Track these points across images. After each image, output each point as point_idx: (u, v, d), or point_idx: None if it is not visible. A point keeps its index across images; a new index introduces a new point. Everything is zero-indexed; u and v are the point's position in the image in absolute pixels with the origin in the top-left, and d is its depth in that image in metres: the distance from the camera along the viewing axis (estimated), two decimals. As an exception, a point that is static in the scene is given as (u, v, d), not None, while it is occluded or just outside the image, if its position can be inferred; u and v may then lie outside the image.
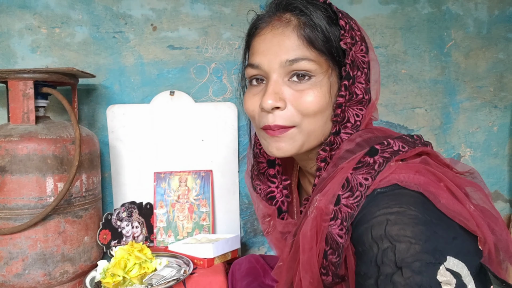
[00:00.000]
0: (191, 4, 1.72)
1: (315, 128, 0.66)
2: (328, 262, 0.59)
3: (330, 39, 0.64)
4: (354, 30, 0.67)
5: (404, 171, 0.57)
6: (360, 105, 0.66)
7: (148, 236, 1.58)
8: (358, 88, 0.66)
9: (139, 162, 1.65)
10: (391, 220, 0.51)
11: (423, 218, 0.51)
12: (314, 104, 0.64)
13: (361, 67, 0.66)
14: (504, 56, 1.93)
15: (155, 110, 1.66)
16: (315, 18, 0.65)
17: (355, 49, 0.66)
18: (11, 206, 1.24)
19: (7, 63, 1.62)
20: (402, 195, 0.54)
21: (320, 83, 0.65)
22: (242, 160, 1.78)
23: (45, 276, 1.27)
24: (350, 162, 0.61)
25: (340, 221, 0.57)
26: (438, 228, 0.51)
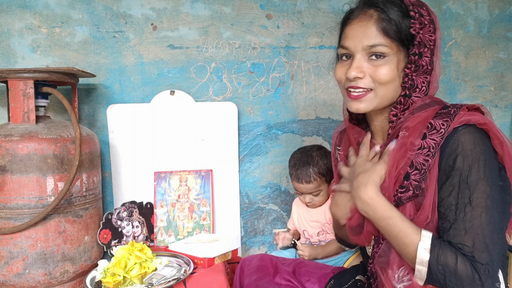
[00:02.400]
0: (191, 3, 1.72)
1: (386, 93, 0.89)
2: (410, 181, 0.82)
3: (401, 29, 0.86)
4: (424, 16, 0.87)
5: (473, 115, 0.80)
6: (425, 74, 0.88)
7: (149, 235, 1.58)
8: (425, 61, 0.87)
9: (139, 161, 1.65)
10: (468, 156, 0.77)
11: (489, 155, 0.78)
12: (386, 75, 0.87)
13: (428, 44, 0.87)
14: (505, 55, 1.92)
15: (155, 109, 1.66)
16: (391, 14, 0.86)
17: (423, 31, 0.86)
18: (11, 206, 1.25)
19: (7, 62, 1.62)
20: (474, 132, 0.78)
21: (390, 61, 0.87)
22: (242, 160, 1.78)
23: (45, 276, 1.27)
24: (429, 112, 0.84)
25: (427, 149, 0.81)
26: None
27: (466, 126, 0.79)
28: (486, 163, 0.76)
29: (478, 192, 0.75)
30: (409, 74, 0.87)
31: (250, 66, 1.76)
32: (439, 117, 0.82)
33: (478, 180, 0.76)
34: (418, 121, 0.84)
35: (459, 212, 0.76)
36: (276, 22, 1.77)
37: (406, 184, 0.83)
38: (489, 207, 0.75)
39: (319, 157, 1.45)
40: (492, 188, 0.76)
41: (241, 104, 1.76)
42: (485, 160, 0.76)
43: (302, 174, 1.44)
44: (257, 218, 1.81)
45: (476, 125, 0.80)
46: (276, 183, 1.82)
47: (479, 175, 0.76)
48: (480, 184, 0.76)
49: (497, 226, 0.75)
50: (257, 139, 1.79)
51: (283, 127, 1.81)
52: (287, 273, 1.16)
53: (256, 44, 1.75)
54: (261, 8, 1.75)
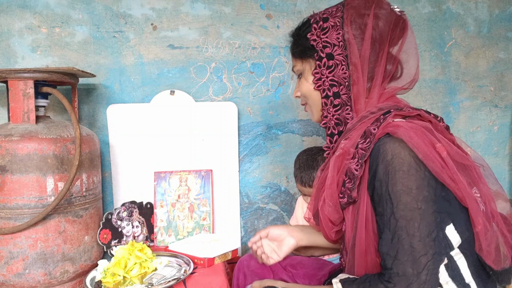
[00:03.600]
0: (191, 3, 1.72)
1: (315, 102, 0.97)
2: (345, 188, 0.85)
3: (304, 45, 0.95)
4: (328, 20, 0.91)
5: (395, 126, 0.78)
6: (343, 70, 0.90)
7: (149, 235, 1.58)
8: (338, 59, 0.90)
9: (139, 161, 1.65)
10: (388, 166, 0.76)
11: (404, 163, 0.75)
12: (303, 88, 0.98)
13: (337, 41, 0.90)
14: (505, 55, 1.92)
15: (155, 109, 1.66)
16: (295, 37, 1.00)
17: (328, 34, 0.91)
18: (11, 206, 1.25)
19: (7, 62, 1.62)
20: (395, 141, 0.77)
21: (306, 75, 0.98)
22: (242, 160, 1.78)
23: (45, 276, 1.27)
24: (370, 119, 0.85)
25: (357, 159, 0.82)
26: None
27: (388, 136, 0.78)
28: (409, 174, 0.74)
29: (401, 204, 0.74)
30: (322, 77, 0.92)
31: (250, 66, 1.76)
32: (373, 124, 0.82)
33: (400, 192, 0.74)
34: (357, 128, 0.86)
35: (386, 222, 0.76)
36: (276, 22, 1.77)
37: (343, 190, 0.85)
38: (414, 219, 0.73)
39: (324, 161, 1.44)
40: (417, 200, 0.73)
41: (241, 104, 1.76)
42: (408, 170, 0.74)
43: (306, 178, 1.44)
44: (257, 218, 1.81)
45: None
46: (276, 183, 1.82)
47: (400, 186, 0.74)
48: (402, 196, 0.74)
49: (424, 237, 0.73)
50: (257, 139, 1.79)
51: (283, 127, 1.81)
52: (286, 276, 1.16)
53: (256, 44, 1.75)
54: (261, 8, 1.75)
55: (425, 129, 0.78)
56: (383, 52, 0.88)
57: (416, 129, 0.77)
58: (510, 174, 1.97)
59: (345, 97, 0.90)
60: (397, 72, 0.93)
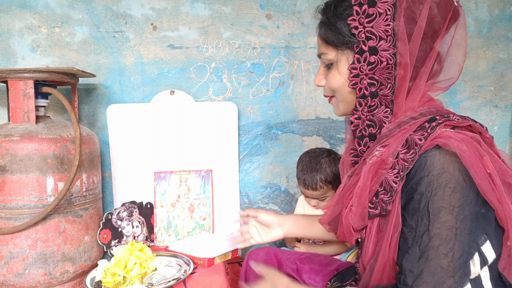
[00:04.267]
0: (191, 3, 1.72)
1: (344, 98, 0.86)
2: (378, 199, 0.78)
3: (341, 31, 0.81)
4: (376, 5, 0.77)
5: (448, 138, 0.71)
6: (388, 70, 0.78)
7: (149, 235, 1.58)
8: (383, 55, 0.78)
9: (139, 161, 1.65)
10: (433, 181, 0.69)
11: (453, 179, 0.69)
12: (333, 82, 0.85)
13: (384, 35, 0.77)
14: (505, 55, 1.92)
15: (155, 109, 1.66)
16: (330, 18, 0.83)
17: (373, 23, 0.77)
18: (11, 206, 1.25)
19: (7, 62, 1.62)
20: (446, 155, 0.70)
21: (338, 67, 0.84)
22: (242, 160, 1.78)
23: (45, 276, 1.27)
24: (412, 126, 0.77)
25: (397, 170, 0.74)
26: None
27: (438, 148, 0.72)
28: (455, 191, 0.69)
29: (439, 222, 0.69)
30: (360, 74, 0.80)
31: (250, 66, 1.76)
32: (417, 132, 0.75)
33: (441, 208, 0.69)
34: (397, 136, 0.78)
35: (417, 238, 0.71)
36: (276, 22, 1.77)
37: (375, 201, 0.78)
38: (449, 239, 0.68)
39: (327, 164, 1.43)
40: (457, 219, 0.68)
41: (241, 104, 1.76)
42: (454, 187, 0.69)
43: (309, 180, 1.42)
44: (257, 218, 1.80)
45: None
46: (276, 183, 1.82)
47: (442, 203, 0.69)
48: (442, 214, 0.69)
49: (456, 259, 0.68)
50: (257, 139, 1.79)
51: (283, 127, 1.81)
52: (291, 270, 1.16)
53: (256, 44, 1.75)
54: (261, 8, 1.75)
55: (476, 142, 0.72)
56: (433, 49, 0.78)
57: (467, 142, 0.70)
58: (510, 174, 1.96)
59: (385, 98, 0.80)
60: (440, 69, 0.83)
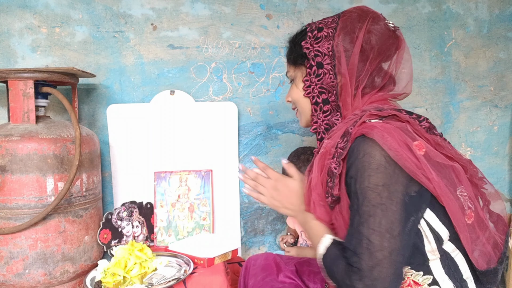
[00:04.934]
0: (191, 3, 1.72)
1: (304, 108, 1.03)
2: (328, 188, 0.87)
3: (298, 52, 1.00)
4: (323, 30, 0.96)
5: (365, 127, 0.82)
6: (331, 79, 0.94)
7: (149, 235, 1.58)
8: (326, 68, 0.95)
9: (139, 161, 1.65)
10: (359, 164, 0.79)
11: (374, 161, 0.78)
12: (293, 94, 1.04)
13: (327, 51, 0.94)
14: (505, 55, 1.92)
15: (155, 109, 1.66)
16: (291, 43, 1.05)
17: (320, 44, 0.95)
18: (11, 206, 1.25)
19: (7, 62, 1.62)
20: (368, 141, 0.80)
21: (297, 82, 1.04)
22: (242, 160, 1.78)
23: (45, 276, 1.27)
24: (352, 120, 0.88)
25: (335, 158, 0.85)
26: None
27: (363, 136, 0.81)
28: (377, 172, 0.77)
29: (366, 201, 0.77)
30: (311, 85, 0.98)
31: (250, 66, 1.76)
32: (352, 124, 0.86)
33: (366, 189, 0.77)
34: (339, 129, 0.90)
35: (352, 218, 0.80)
36: (276, 22, 1.77)
37: (327, 190, 0.88)
38: (376, 215, 0.75)
39: (305, 161, 1.48)
40: (381, 196, 0.76)
41: (241, 104, 1.76)
42: (377, 168, 0.77)
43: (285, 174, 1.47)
44: (257, 218, 1.81)
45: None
46: (276, 183, 1.82)
47: (367, 183, 0.77)
48: (368, 193, 0.77)
49: (384, 233, 0.74)
50: (257, 139, 1.79)
51: (283, 127, 1.81)
52: (291, 272, 1.17)
53: (256, 44, 1.75)
54: (261, 8, 1.75)
55: (401, 129, 0.81)
56: (373, 65, 0.92)
57: (390, 129, 0.79)
58: (510, 174, 1.96)
59: (334, 103, 0.96)
60: (389, 84, 0.97)
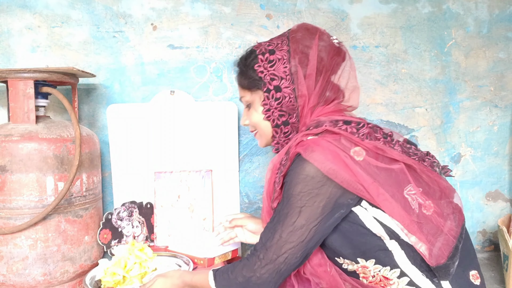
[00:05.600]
0: (191, 3, 1.72)
1: (265, 131, 1.06)
2: (272, 200, 0.97)
3: (251, 76, 1.01)
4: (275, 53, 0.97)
5: (305, 145, 0.88)
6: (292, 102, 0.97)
7: (149, 235, 1.58)
8: (286, 91, 0.97)
9: (139, 161, 1.65)
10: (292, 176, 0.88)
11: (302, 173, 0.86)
12: (254, 118, 1.06)
13: (284, 75, 0.97)
14: (505, 55, 1.92)
15: (155, 109, 1.66)
16: (242, 67, 1.06)
17: (275, 67, 0.97)
18: (11, 206, 1.25)
19: (7, 62, 1.62)
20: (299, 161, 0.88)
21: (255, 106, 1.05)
22: (242, 160, 1.78)
23: (45, 276, 1.27)
24: (298, 138, 0.93)
25: (277, 174, 0.94)
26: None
27: (299, 154, 0.88)
28: (305, 181, 0.85)
29: (287, 204, 0.87)
30: (270, 108, 0.99)
31: (250, 66, 1.76)
32: (294, 142, 0.92)
33: (290, 194, 0.87)
34: (286, 146, 0.96)
35: (274, 216, 0.91)
36: (276, 22, 1.77)
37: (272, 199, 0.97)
38: (292, 216, 0.86)
39: None
40: (301, 200, 0.86)
41: (241, 104, 1.75)
42: (304, 178, 0.85)
43: None
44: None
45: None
46: (276, 183, 1.81)
47: (292, 190, 0.87)
48: (291, 198, 0.87)
49: (296, 231, 0.86)
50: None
51: (283, 127, 1.81)
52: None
53: (256, 44, 1.75)
54: (261, 8, 1.75)
55: (333, 143, 0.86)
56: (324, 81, 0.96)
57: (323, 145, 0.86)
58: (510, 174, 1.97)
59: (293, 125, 1.00)
60: (340, 96, 1.01)
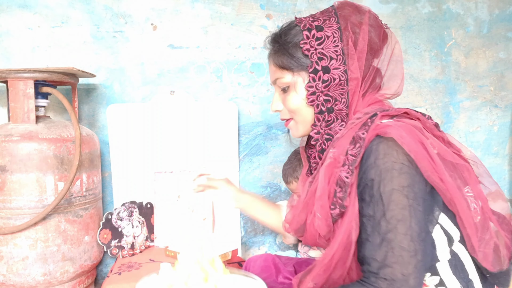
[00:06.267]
0: (191, 3, 1.72)
1: (304, 118, 0.92)
2: (336, 198, 0.80)
3: (293, 55, 0.88)
4: (323, 29, 0.86)
5: (383, 127, 0.77)
6: (341, 86, 0.86)
7: (149, 235, 1.58)
8: (335, 73, 0.85)
9: (139, 161, 1.65)
10: (380, 166, 0.74)
11: (397, 161, 0.73)
12: (292, 104, 0.91)
13: (335, 55, 0.85)
14: (505, 55, 1.92)
15: (155, 109, 1.66)
16: (281, 44, 0.91)
17: (323, 45, 0.86)
18: (11, 206, 1.24)
19: (7, 62, 1.62)
20: (387, 141, 0.75)
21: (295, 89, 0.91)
22: (242, 160, 1.78)
23: (45, 276, 1.27)
24: (357, 125, 0.81)
25: (347, 166, 0.78)
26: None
27: (379, 137, 0.76)
28: (401, 172, 0.73)
29: (393, 204, 0.72)
30: (316, 92, 0.87)
31: (250, 66, 1.76)
32: (362, 128, 0.80)
33: (392, 191, 0.72)
34: (345, 135, 0.82)
35: (376, 225, 0.73)
36: (276, 22, 1.76)
37: (335, 201, 0.81)
38: (405, 218, 0.71)
39: (299, 161, 1.50)
40: (408, 197, 0.72)
41: (241, 104, 1.76)
42: (400, 169, 0.73)
43: (283, 173, 1.55)
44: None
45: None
46: (276, 183, 1.82)
47: (392, 185, 0.72)
48: (395, 195, 0.72)
49: (416, 237, 0.71)
50: (257, 139, 1.79)
51: (283, 127, 1.80)
52: (289, 273, 1.18)
53: (256, 44, 1.75)
54: (261, 8, 1.75)
55: (414, 127, 0.77)
56: (374, 65, 0.87)
57: (405, 127, 0.76)
58: (510, 174, 1.97)
59: (339, 112, 0.87)
60: (381, 83, 0.91)
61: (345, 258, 0.79)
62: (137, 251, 1.50)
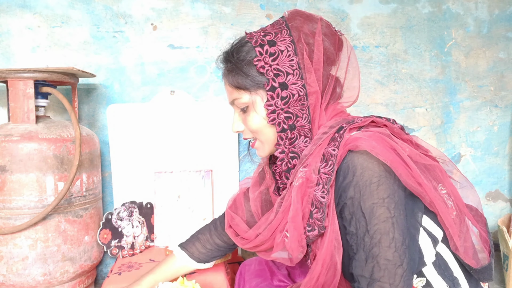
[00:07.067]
0: (191, 3, 1.72)
1: (267, 137, 0.88)
2: (313, 219, 0.78)
3: (248, 74, 0.84)
4: (276, 44, 0.82)
5: (355, 140, 0.74)
6: (301, 101, 0.82)
7: (149, 235, 1.58)
8: (294, 88, 0.81)
9: (139, 161, 1.65)
10: (358, 182, 0.72)
11: (375, 174, 0.72)
12: (254, 124, 0.87)
13: (291, 70, 0.81)
14: (505, 55, 1.92)
15: (155, 109, 1.66)
16: (234, 63, 0.86)
17: (277, 61, 0.81)
18: (11, 206, 1.25)
19: (7, 62, 1.62)
20: (362, 154, 0.73)
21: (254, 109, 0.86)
22: (242, 160, 1.78)
23: (45, 276, 1.27)
24: (325, 140, 0.79)
25: (322, 185, 0.76)
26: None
27: (351, 152, 0.74)
28: (380, 184, 0.71)
29: (375, 219, 0.71)
30: (276, 110, 0.83)
31: (250, 66, 1.76)
32: (330, 144, 0.77)
33: (372, 205, 0.71)
34: (314, 153, 0.80)
35: (359, 242, 0.73)
36: (276, 22, 1.77)
37: (311, 222, 0.79)
38: (388, 231, 0.70)
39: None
40: (389, 208, 0.71)
41: (241, 104, 1.76)
42: (378, 181, 0.71)
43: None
44: (257, 218, 1.80)
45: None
46: (276, 183, 1.82)
47: (372, 200, 0.71)
48: (376, 210, 0.71)
49: (400, 246, 0.71)
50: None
51: (283, 127, 1.81)
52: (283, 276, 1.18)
53: (256, 44, 1.75)
54: (261, 8, 1.75)
55: (383, 135, 0.75)
56: (332, 75, 0.84)
57: (375, 137, 0.74)
58: (510, 174, 1.97)
59: (302, 128, 0.84)
60: (341, 92, 0.88)
61: (330, 279, 0.78)
62: (137, 251, 1.50)
